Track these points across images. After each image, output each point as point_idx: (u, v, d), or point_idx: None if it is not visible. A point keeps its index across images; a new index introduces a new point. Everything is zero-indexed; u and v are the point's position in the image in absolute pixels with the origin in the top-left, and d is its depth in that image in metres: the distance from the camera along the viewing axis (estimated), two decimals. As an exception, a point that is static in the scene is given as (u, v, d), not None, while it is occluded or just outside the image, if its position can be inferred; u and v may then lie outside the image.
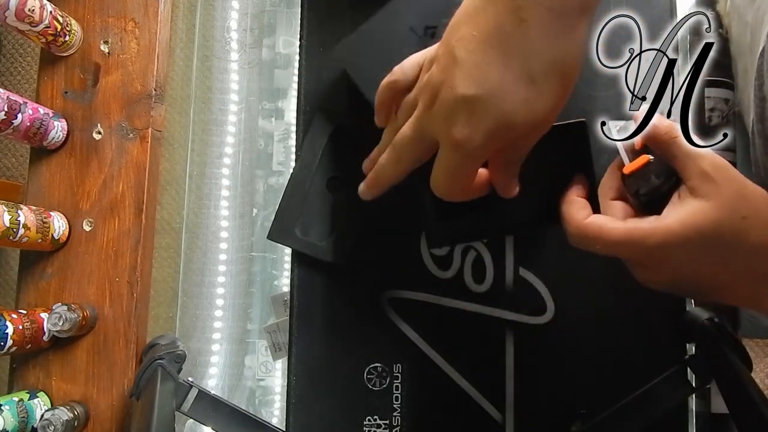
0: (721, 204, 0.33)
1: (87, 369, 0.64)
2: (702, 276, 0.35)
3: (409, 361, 0.53)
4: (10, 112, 0.59)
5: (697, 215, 0.33)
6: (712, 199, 0.33)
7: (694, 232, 0.33)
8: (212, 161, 0.80)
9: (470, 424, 0.52)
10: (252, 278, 0.79)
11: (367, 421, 0.52)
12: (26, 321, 0.59)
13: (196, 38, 0.81)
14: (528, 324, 0.52)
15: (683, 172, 0.35)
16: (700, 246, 0.34)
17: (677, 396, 0.49)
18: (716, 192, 0.33)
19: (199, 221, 0.80)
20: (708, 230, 0.33)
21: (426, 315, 0.53)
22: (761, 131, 0.43)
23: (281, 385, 0.76)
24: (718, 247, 0.34)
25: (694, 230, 0.33)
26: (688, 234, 0.33)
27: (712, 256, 0.34)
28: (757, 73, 0.43)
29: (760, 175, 0.49)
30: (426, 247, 0.53)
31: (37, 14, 0.61)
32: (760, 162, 0.47)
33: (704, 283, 0.36)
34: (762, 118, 0.43)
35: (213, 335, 0.77)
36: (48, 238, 0.62)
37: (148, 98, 0.67)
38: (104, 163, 0.66)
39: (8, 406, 0.58)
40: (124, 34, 0.68)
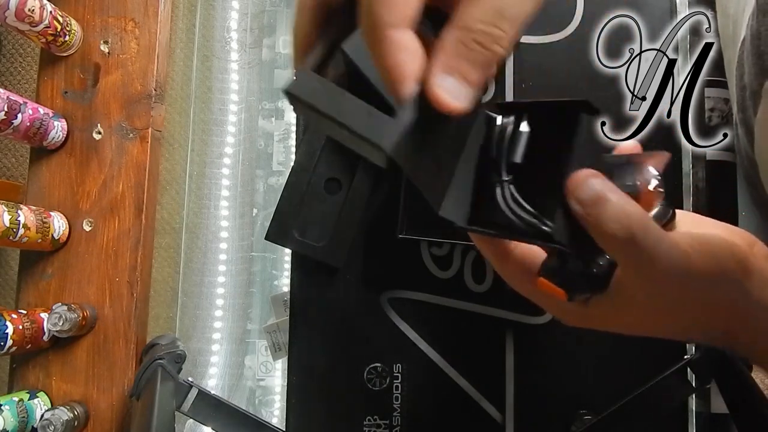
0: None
1: (87, 369, 0.64)
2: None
3: (409, 361, 0.53)
4: (10, 112, 0.59)
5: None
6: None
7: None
8: (212, 161, 0.80)
9: (470, 424, 0.52)
10: (252, 278, 0.79)
11: (367, 421, 0.52)
12: (26, 321, 0.59)
13: (196, 38, 0.81)
14: (528, 324, 0.52)
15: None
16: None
17: (677, 396, 0.49)
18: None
19: (199, 221, 0.80)
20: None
21: (426, 315, 0.53)
22: (743, 120, 0.43)
23: (281, 385, 0.76)
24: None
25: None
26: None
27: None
28: (738, 63, 0.43)
29: (744, 164, 0.49)
30: (426, 247, 0.53)
31: (37, 14, 0.61)
32: (743, 151, 0.47)
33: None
34: (743, 107, 0.43)
35: (213, 335, 0.77)
36: (48, 238, 0.62)
37: (148, 98, 0.67)
38: (104, 163, 0.66)
39: (8, 406, 0.58)
40: (124, 34, 0.68)
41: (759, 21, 0.39)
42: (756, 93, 0.39)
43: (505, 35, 0.23)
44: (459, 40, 0.22)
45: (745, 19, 0.41)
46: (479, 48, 0.22)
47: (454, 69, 0.22)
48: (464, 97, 0.23)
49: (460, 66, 0.23)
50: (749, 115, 0.42)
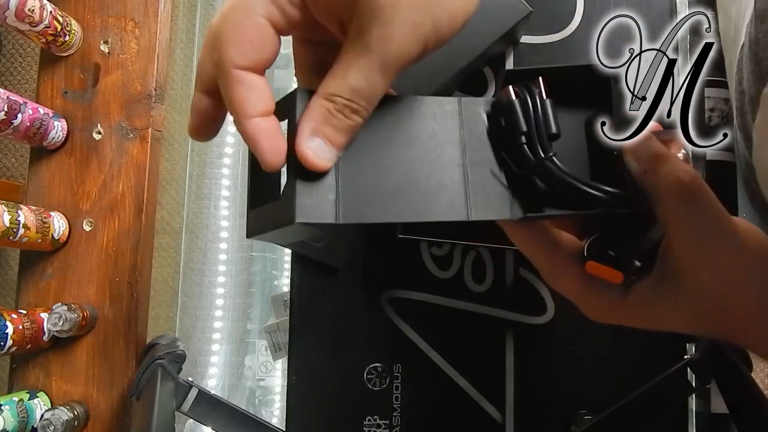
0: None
1: (87, 369, 0.64)
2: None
3: (409, 361, 0.53)
4: (10, 112, 0.59)
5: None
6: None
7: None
8: (212, 161, 0.80)
9: (470, 424, 0.52)
10: (252, 278, 0.79)
11: (367, 421, 0.52)
12: (26, 321, 0.59)
13: (196, 38, 0.81)
14: (528, 324, 0.52)
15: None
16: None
17: (677, 396, 0.49)
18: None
19: (199, 221, 0.80)
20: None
21: (426, 315, 0.53)
22: (741, 125, 0.43)
23: (281, 385, 0.76)
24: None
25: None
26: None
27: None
28: (738, 67, 0.43)
29: (742, 168, 0.49)
30: (426, 247, 0.53)
31: (37, 14, 0.61)
32: (741, 156, 0.47)
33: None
34: (742, 112, 0.43)
35: (213, 335, 0.77)
36: (48, 238, 0.62)
37: (148, 98, 0.67)
38: (104, 163, 0.66)
39: (8, 406, 0.58)
40: (124, 34, 0.68)
41: (757, 28, 0.39)
42: (754, 99, 0.39)
43: (362, 109, 0.26)
44: (325, 108, 0.26)
45: (745, 23, 0.41)
46: (341, 116, 0.26)
47: (320, 132, 0.26)
48: (329, 157, 0.26)
49: (325, 130, 0.26)
50: (747, 120, 0.42)
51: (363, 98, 0.26)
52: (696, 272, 0.30)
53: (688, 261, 0.30)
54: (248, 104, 0.25)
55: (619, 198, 0.30)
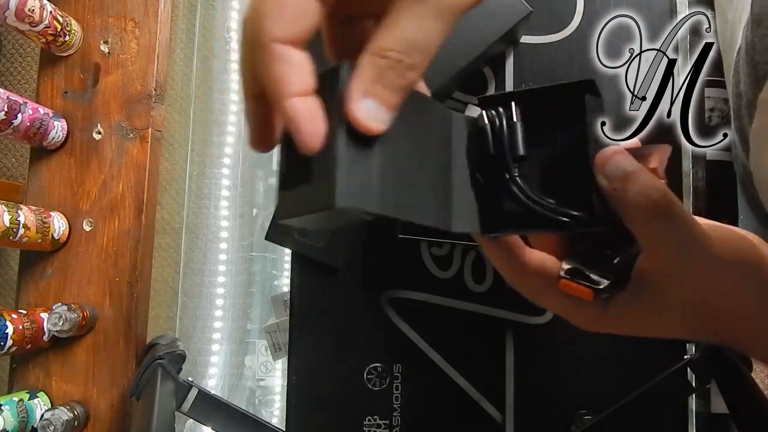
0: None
1: (87, 369, 0.64)
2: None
3: (409, 361, 0.53)
4: (10, 112, 0.59)
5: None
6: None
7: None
8: (212, 161, 0.80)
9: (470, 424, 0.52)
10: (252, 278, 0.80)
11: (367, 421, 0.52)
12: (26, 321, 0.59)
13: (196, 38, 0.81)
14: (528, 324, 0.52)
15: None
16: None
17: (677, 396, 0.49)
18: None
19: (199, 221, 0.80)
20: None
21: (426, 315, 0.53)
22: (738, 128, 0.43)
23: (281, 385, 0.76)
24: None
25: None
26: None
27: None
28: (734, 70, 0.43)
29: (739, 171, 0.49)
30: (426, 247, 0.53)
31: (37, 14, 0.61)
32: (738, 158, 0.47)
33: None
34: (739, 115, 0.43)
35: (213, 335, 0.77)
36: (48, 238, 0.62)
37: (148, 98, 0.67)
38: (104, 163, 0.66)
39: (8, 406, 0.58)
40: (124, 34, 0.68)
41: (753, 31, 0.39)
42: (751, 103, 0.39)
43: (417, 63, 0.24)
44: (375, 65, 0.24)
45: (741, 26, 0.42)
46: (393, 74, 0.24)
47: (372, 92, 0.23)
48: (382, 119, 0.24)
49: (377, 90, 0.24)
50: (744, 123, 0.42)
51: (418, 50, 0.24)
52: (678, 289, 0.30)
53: (668, 279, 0.30)
54: (289, 82, 0.23)
55: (582, 220, 0.30)
